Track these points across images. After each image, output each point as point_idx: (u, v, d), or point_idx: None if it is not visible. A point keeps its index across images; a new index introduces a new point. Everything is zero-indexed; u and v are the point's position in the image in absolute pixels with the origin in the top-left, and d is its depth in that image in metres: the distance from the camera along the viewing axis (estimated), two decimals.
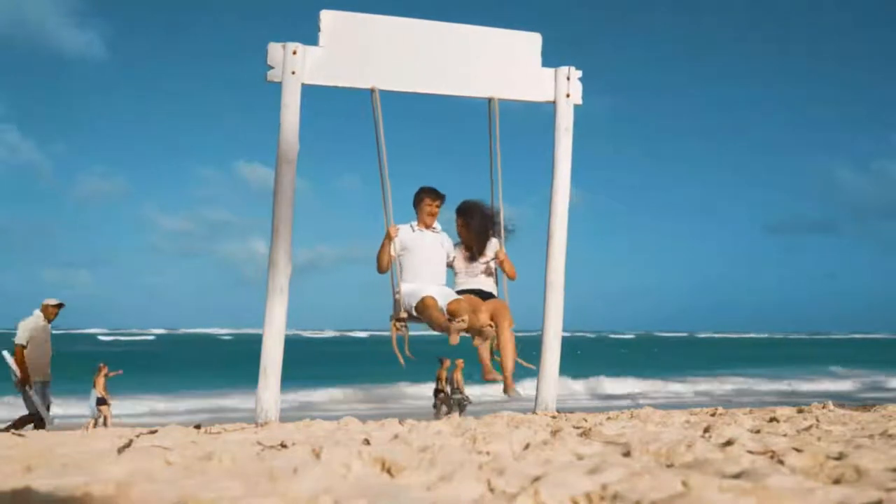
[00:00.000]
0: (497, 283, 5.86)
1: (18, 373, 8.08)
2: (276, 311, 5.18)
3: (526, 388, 5.77)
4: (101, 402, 13.18)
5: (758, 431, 3.50)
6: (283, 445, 3.02)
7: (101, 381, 13.29)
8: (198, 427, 4.20)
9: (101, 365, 13.53)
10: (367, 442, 3.04)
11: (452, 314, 5.22)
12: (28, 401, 8.19)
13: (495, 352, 5.69)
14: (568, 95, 5.76)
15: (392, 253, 5.47)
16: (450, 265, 5.81)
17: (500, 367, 5.64)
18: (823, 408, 5.06)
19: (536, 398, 5.64)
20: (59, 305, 8.49)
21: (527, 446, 2.96)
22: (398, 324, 5.48)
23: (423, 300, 5.24)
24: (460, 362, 15.48)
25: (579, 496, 1.91)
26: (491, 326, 5.42)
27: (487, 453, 2.76)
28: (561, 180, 5.74)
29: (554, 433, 3.50)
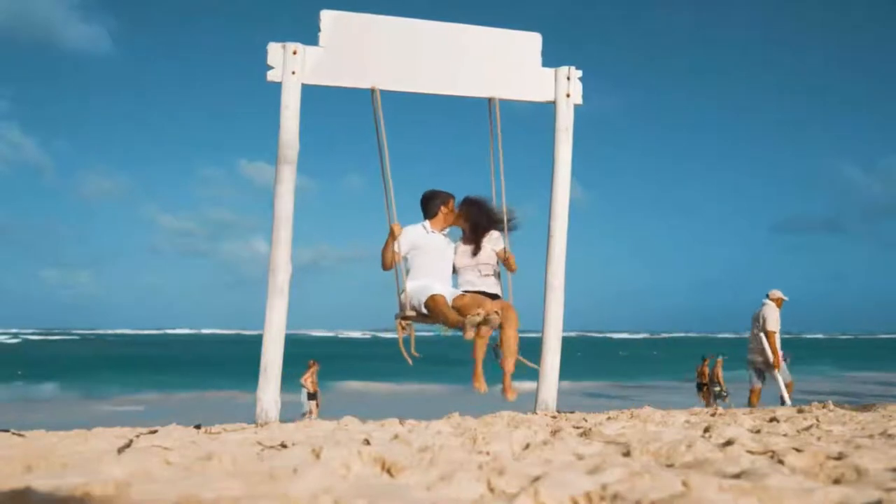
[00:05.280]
0: (500, 282, 5.79)
1: (773, 356, 9.05)
2: (275, 312, 5.17)
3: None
4: (311, 397, 13.91)
5: (758, 431, 3.50)
6: (283, 445, 3.02)
7: (309, 377, 13.97)
8: (198, 427, 4.20)
9: (311, 362, 14.18)
10: (367, 442, 3.04)
11: (461, 310, 5.20)
12: (781, 375, 9.11)
13: (496, 351, 5.63)
14: (568, 95, 5.75)
15: (396, 251, 5.42)
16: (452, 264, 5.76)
17: (499, 366, 5.60)
18: (823, 407, 5.07)
19: (536, 398, 5.63)
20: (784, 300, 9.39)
21: (527, 446, 2.97)
22: (404, 322, 5.46)
23: (432, 297, 5.22)
24: (720, 360, 16.01)
25: (579, 496, 1.91)
26: (497, 314, 5.24)
27: (487, 453, 2.75)
28: (561, 180, 5.73)
29: (554, 433, 3.51)
